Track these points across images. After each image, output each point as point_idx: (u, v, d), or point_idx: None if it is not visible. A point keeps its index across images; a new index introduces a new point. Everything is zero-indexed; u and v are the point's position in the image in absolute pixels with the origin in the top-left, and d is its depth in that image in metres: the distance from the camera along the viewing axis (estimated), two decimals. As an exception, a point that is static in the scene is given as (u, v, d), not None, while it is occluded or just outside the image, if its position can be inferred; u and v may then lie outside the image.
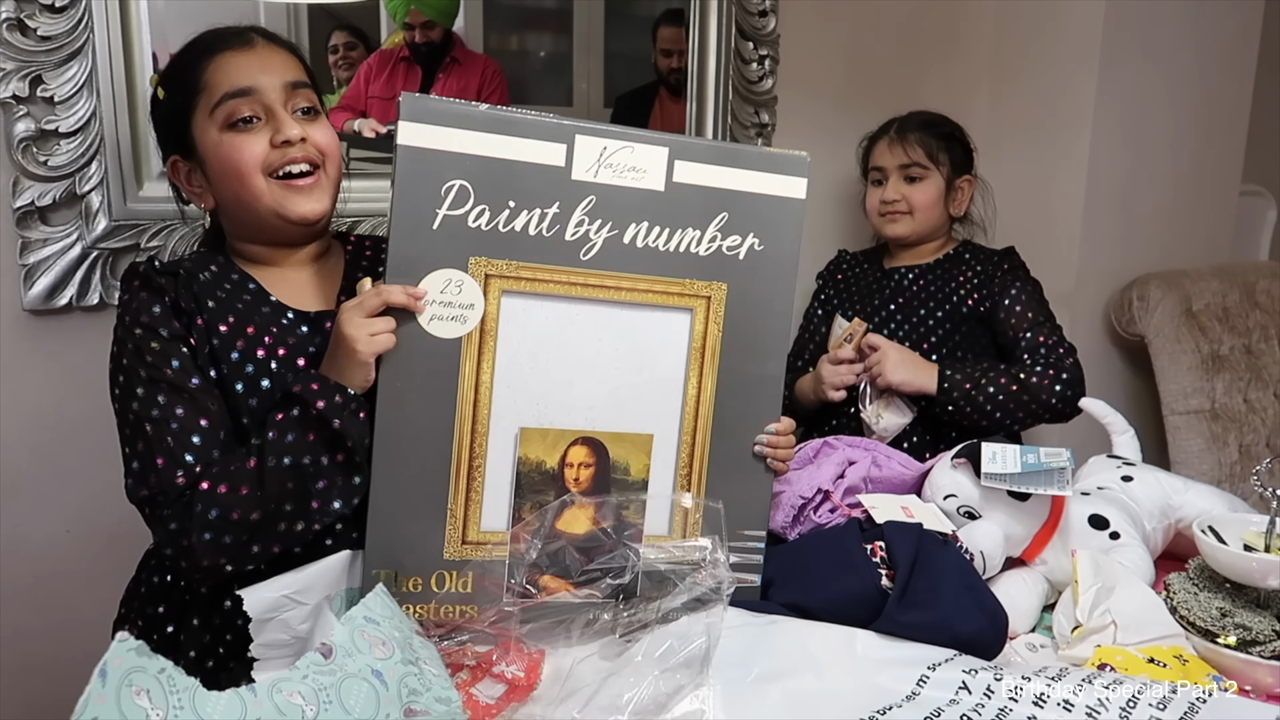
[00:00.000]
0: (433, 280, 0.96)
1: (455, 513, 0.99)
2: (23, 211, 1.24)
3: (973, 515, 1.19)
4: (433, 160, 0.95)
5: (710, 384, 1.06)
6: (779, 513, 1.21)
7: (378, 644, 0.82)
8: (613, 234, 1.01)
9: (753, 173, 1.04)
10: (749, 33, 1.79)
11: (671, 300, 1.04)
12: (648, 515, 1.05)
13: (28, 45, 1.20)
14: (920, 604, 1.03)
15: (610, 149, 1.00)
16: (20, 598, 1.30)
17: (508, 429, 1.00)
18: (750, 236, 1.04)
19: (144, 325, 0.98)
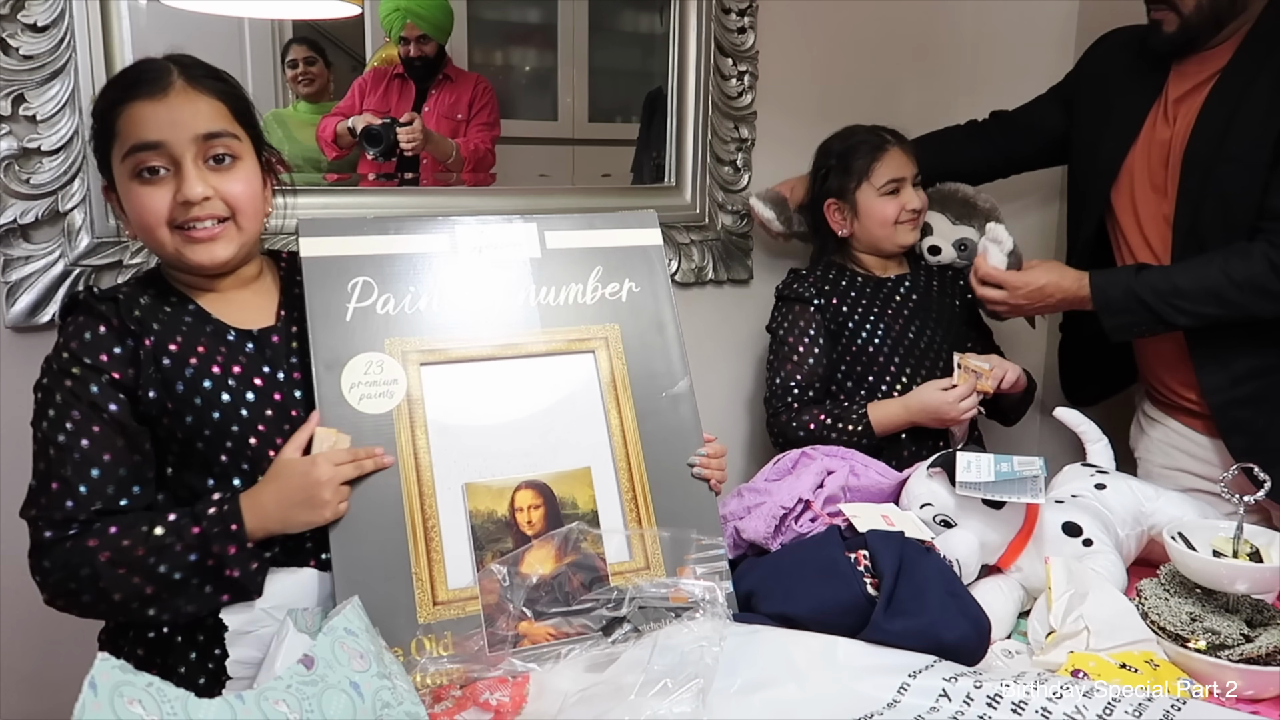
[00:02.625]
0: (355, 365, 1.05)
1: (420, 576, 1.02)
2: (5, 229, 1.24)
3: (949, 523, 1.21)
4: (334, 265, 1.07)
5: (630, 412, 1.14)
6: (760, 523, 1.23)
7: (356, 656, 0.85)
8: (506, 299, 1.12)
9: (613, 230, 1.19)
10: (728, 49, 1.81)
11: (573, 346, 1.14)
12: (606, 545, 1.08)
13: (10, 64, 1.21)
14: (906, 611, 1.05)
15: (487, 233, 1.14)
16: (10, 610, 1.29)
17: (453, 486, 1.05)
18: (626, 281, 1.18)
19: (72, 351, 0.99)
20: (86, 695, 0.70)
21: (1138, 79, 1.61)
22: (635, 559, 1.08)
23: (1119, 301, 1.50)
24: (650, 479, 1.12)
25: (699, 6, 1.76)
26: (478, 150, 1.69)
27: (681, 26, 1.78)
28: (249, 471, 1.01)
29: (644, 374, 1.16)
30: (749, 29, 1.82)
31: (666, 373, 1.17)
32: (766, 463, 1.39)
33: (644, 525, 1.10)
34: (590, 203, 1.74)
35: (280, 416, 1.03)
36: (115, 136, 1.00)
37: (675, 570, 1.10)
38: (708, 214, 1.85)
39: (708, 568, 1.10)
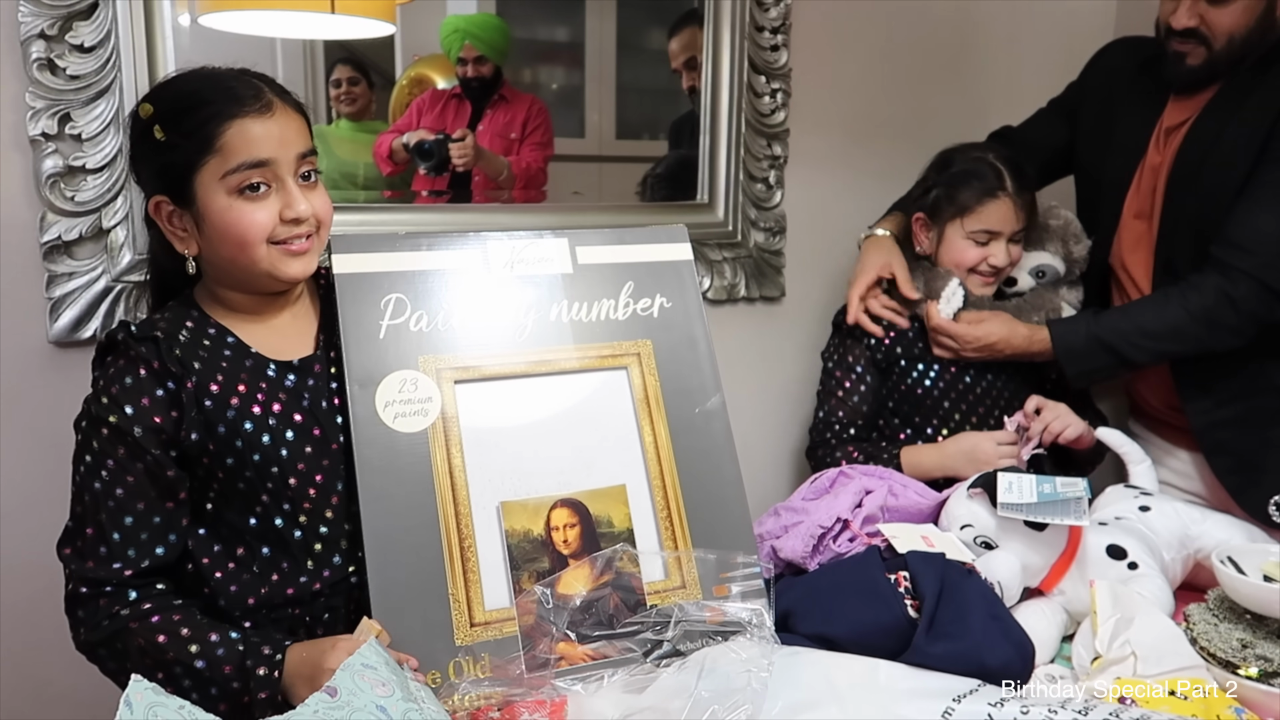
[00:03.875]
0: (390, 382, 1.04)
1: (457, 597, 1.01)
2: (50, 246, 1.26)
3: (989, 545, 1.20)
4: (367, 282, 1.06)
5: (663, 429, 1.13)
6: (798, 542, 1.22)
7: (378, 684, 0.85)
8: (539, 315, 1.12)
9: (644, 245, 1.19)
10: (761, 67, 1.81)
11: (606, 362, 1.14)
12: (642, 563, 1.07)
13: (57, 84, 1.23)
14: (948, 635, 1.04)
15: (519, 248, 1.13)
16: (10, 610, 1.30)
17: (488, 505, 1.05)
18: (658, 297, 1.18)
19: (111, 397, 0.97)
20: (123, 713, 0.72)
21: (1140, 101, 1.61)
22: (671, 578, 1.07)
23: (1080, 348, 1.49)
24: (685, 497, 1.11)
25: (733, 25, 1.77)
26: (530, 168, 1.71)
27: (715, 45, 1.78)
28: (290, 512, 1.01)
29: (677, 390, 1.15)
30: (782, 47, 1.82)
31: (700, 389, 1.16)
32: (798, 482, 1.38)
33: (680, 544, 1.09)
34: (627, 219, 1.75)
35: (320, 451, 1.02)
36: (215, 152, 0.98)
37: (712, 590, 1.08)
38: (740, 231, 1.85)
39: (744, 586, 1.09)
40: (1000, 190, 1.56)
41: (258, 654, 0.94)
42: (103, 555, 0.96)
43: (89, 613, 0.97)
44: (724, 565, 1.09)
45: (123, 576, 0.97)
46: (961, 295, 1.57)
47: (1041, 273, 1.67)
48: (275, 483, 1.00)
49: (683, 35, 1.80)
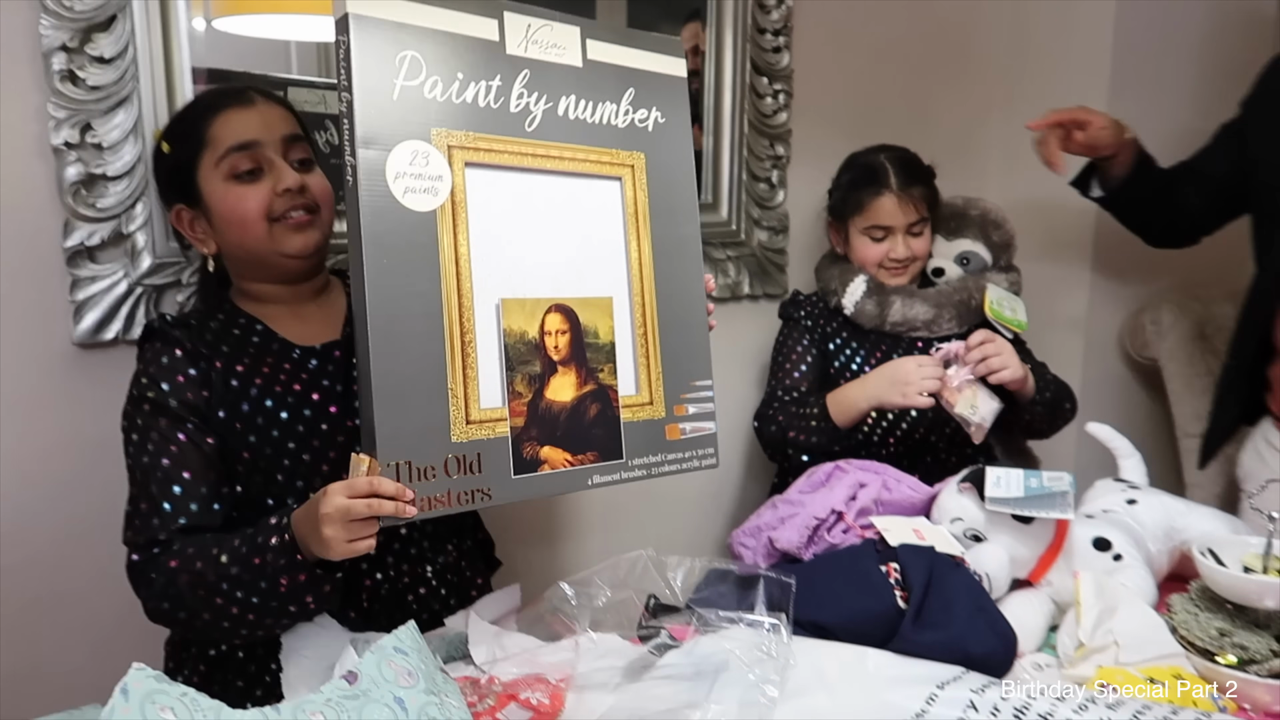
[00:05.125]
0: (400, 152, 0.97)
1: (456, 392, 0.98)
2: (73, 251, 1.30)
3: (979, 538, 1.23)
4: (383, 31, 0.97)
5: (647, 247, 1.14)
6: (793, 533, 1.25)
7: (403, 674, 0.86)
8: (549, 105, 1.07)
9: (645, 53, 1.15)
10: (763, 68, 1.84)
11: (605, 169, 1.11)
12: (619, 377, 1.10)
13: (78, 95, 1.28)
14: (934, 624, 1.07)
15: (534, 26, 1.07)
16: (9, 611, 1.35)
17: (490, 301, 1.02)
18: (654, 110, 1.15)
19: (150, 376, 1.05)
20: (117, 700, 0.71)
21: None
22: (642, 394, 1.12)
23: None
24: (660, 316, 1.14)
25: (735, 27, 1.80)
26: None
27: (718, 46, 1.81)
28: (302, 489, 1.06)
29: (662, 209, 1.15)
30: (784, 48, 1.85)
31: (681, 211, 1.17)
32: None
33: (650, 361, 1.12)
34: None
35: (335, 430, 1.08)
36: (207, 145, 1.11)
37: (673, 410, 1.13)
38: (744, 230, 1.88)
39: (698, 408, 1.14)
40: (884, 188, 1.66)
41: (267, 530, 0.97)
42: (155, 523, 1.02)
43: (146, 577, 1.02)
44: (683, 386, 1.14)
45: (171, 534, 1.02)
46: (861, 288, 1.67)
47: (966, 259, 1.77)
48: (290, 458, 1.06)
49: (688, 29, 1.82)
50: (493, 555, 1.36)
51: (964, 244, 1.78)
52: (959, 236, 1.78)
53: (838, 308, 1.71)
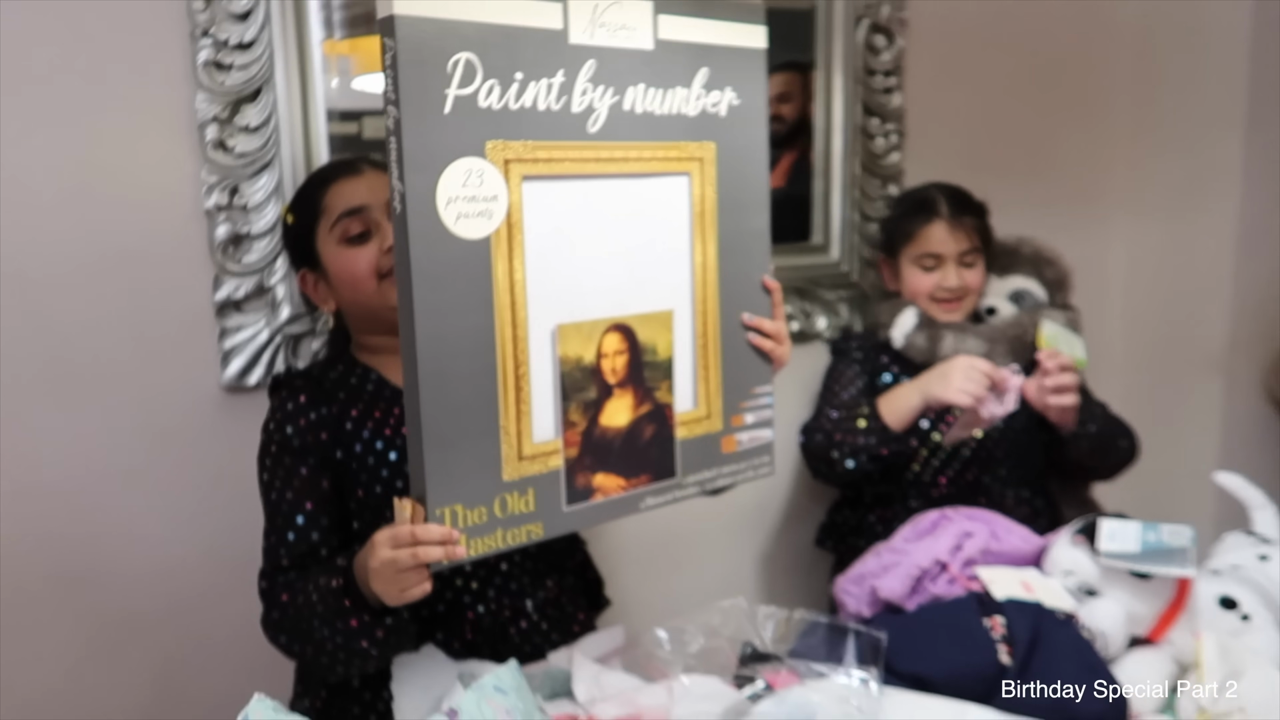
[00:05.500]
0: (452, 174, 0.88)
1: (508, 429, 0.93)
2: (221, 303, 1.43)
3: (1092, 593, 1.19)
4: (435, 31, 0.86)
5: (713, 248, 1.07)
6: (896, 582, 1.24)
7: (502, 712, 0.89)
8: (615, 100, 0.98)
9: (723, 23, 1.05)
10: (875, 109, 1.84)
11: (671, 165, 1.03)
12: (676, 393, 1.06)
13: (227, 161, 1.40)
14: (1039, 682, 1.05)
15: (601, 6, 0.96)
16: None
17: (545, 327, 0.96)
18: (729, 91, 1.06)
19: (277, 420, 1.15)
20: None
21: None
22: (700, 408, 1.08)
23: None
24: (722, 324, 1.08)
25: (845, 69, 1.81)
26: None
27: (828, 89, 1.82)
28: None
29: (730, 203, 1.08)
30: (896, 89, 1.85)
31: (751, 204, 1.10)
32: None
33: (710, 372, 1.08)
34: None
35: None
36: (322, 213, 1.19)
37: (730, 419, 1.08)
38: (855, 271, 1.88)
39: (757, 415, 1.12)
40: (935, 215, 1.64)
41: (333, 569, 1.01)
42: (280, 552, 1.10)
43: (266, 605, 1.10)
44: (743, 395, 1.10)
45: (293, 562, 1.10)
46: (912, 321, 1.63)
47: (1019, 297, 1.72)
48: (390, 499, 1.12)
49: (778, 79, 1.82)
50: (600, 594, 1.39)
51: (1017, 281, 1.74)
52: (1011, 274, 1.74)
53: (887, 342, 1.69)
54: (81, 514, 1.38)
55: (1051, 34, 1.99)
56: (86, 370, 1.36)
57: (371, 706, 1.13)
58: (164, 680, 1.46)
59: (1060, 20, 1.99)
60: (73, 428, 1.36)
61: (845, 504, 1.75)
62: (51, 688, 1.39)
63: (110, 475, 1.39)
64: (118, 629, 1.42)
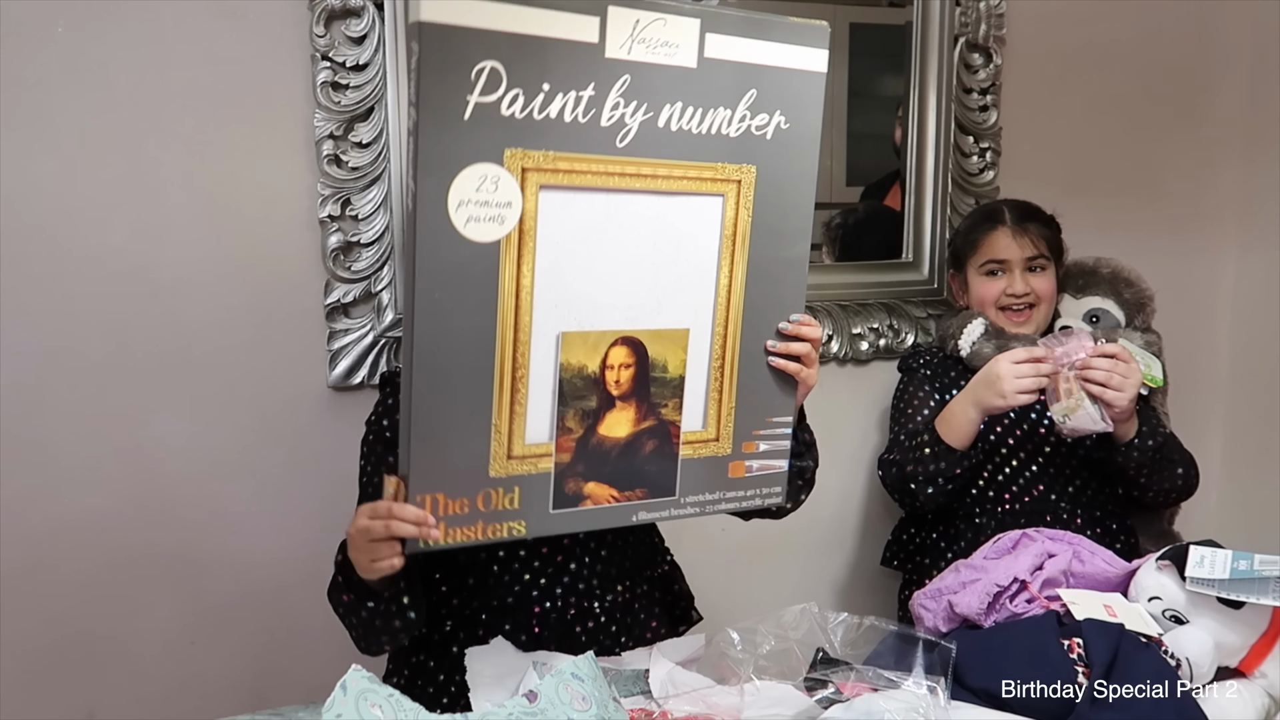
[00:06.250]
0: (466, 178, 0.88)
1: (500, 428, 0.95)
2: (331, 307, 1.52)
3: (1180, 620, 1.16)
4: (460, 39, 0.86)
5: (741, 272, 1.04)
6: (974, 598, 1.23)
7: (578, 698, 0.93)
8: (648, 117, 0.96)
9: (779, 45, 1.01)
10: (969, 127, 1.84)
11: (705, 186, 1.01)
12: (684, 412, 1.05)
13: (341, 175, 1.49)
14: (1116, 706, 1.03)
15: (643, 22, 0.93)
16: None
17: (549, 335, 0.96)
18: (777, 114, 1.02)
19: (378, 414, 1.21)
20: (337, 694, 0.83)
21: None
22: (708, 429, 1.07)
23: None
24: (742, 348, 1.06)
25: (938, 86, 1.81)
26: None
27: (921, 106, 1.82)
28: None
29: (766, 229, 1.04)
30: (991, 106, 1.84)
31: (790, 232, 1.06)
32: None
33: (724, 396, 1.06)
34: (857, 278, 1.84)
35: None
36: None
37: (741, 446, 1.07)
38: (946, 289, 1.87)
39: (772, 445, 1.09)
40: (998, 223, 1.65)
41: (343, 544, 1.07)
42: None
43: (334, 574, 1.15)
44: (757, 423, 1.07)
45: None
46: (979, 330, 1.62)
47: (1095, 317, 1.70)
48: None
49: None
50: (688, 610, 1.38)
51: (1093, 301, 1.71)
52: (1087, 294, 1.72)
53: (955, 353, 1.67)
54: (196, 500, 1.49)
55: (1157, 50, 1.95)
56: (207, 367, 1.46)
57: (445, 688, 1.19)
58: (265, 661, 1.56)
59: (1166, 35, 1.95)
60: (193, 419, 1.47)
61: (910, 521, 1.74)
62: (161, 662, 1.50)
63: (224, 465, 1.50)
64: (224, 610, 1.52)
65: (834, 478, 1.88)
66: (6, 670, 1.44)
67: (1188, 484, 1.56)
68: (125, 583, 1.47)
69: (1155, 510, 1.65)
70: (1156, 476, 1.52)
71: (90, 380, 1.42)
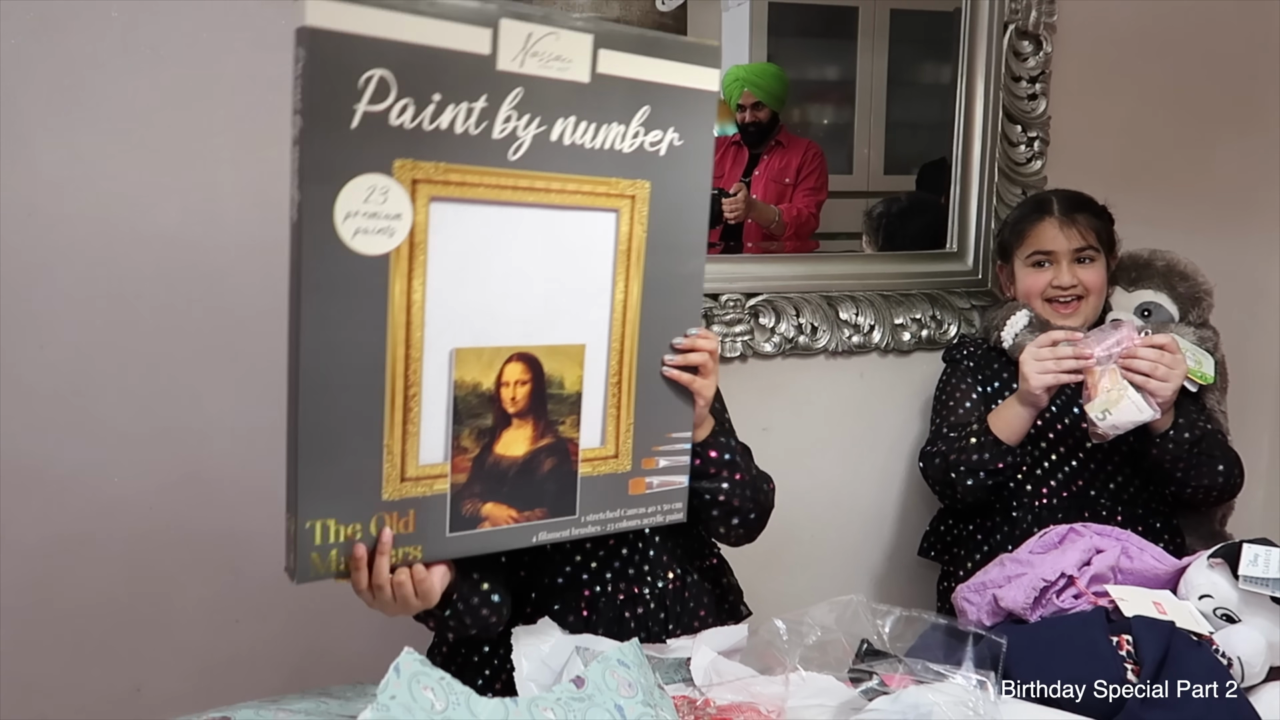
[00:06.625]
0: (354, 189, 0.86)
1: (391, 449, 0.92)
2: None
3: (1231, 618, 1.15)
4: (348, 46, 0.83)
5: (637, 287, 1.04)
6: (1019, 593, 1.22)
7: (624, 684, 0.94)
8: (541, 130, 0.95)
9: (672, 63, 1.01)
10: (1017, 116, 1.81)
11: (599, 201, 1.00)
12: (582, 429, 1.04)
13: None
14: (1167, 705, 1.02)
15: (536, 35, 0.92)
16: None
17: (442, 351, 0.94)
18: (671, 131, 1.02)
19: None
20: (390, 676, 0.83)
21: None
22: (607, 446, 1.06)
23: None
24: (639, 363, 1.05)
25: (986, 74, 1.78)
26: (800, 214, 1.80)
27: (968, 94, 1.80)
28: None
29: (661, 244, 1.04)
30: (1040, 95, 1.81)
31: (684, 247, 1.06)
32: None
33: (622, 412, 1.05)
34: (899, 268, 1.83)
35: None
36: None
37: (641, 463, 1.07)
38: (990, 280, 1.85)
39: (671, 461, 1.09)
40: (1046, 214, 1.61)
41: None
42: None
43: None
44: (657, 439, 1.07)
45: None
46: (1023, 322, 1.60)
47: (1147, 310, 1.65)
48: None
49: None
50: (737, 604, 1.37)
51: (1145, 295, 1.67)
52: (1140, 287, 1.67)
53: (999, 345, 1.64)
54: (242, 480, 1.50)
55: (1211, 39, 1.91)
56: (256, 349, 1.48)
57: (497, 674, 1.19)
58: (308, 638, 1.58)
59: (1220, 24, 1.91)
60: (240, 399, 1.49)
61: (948, 512, 1.72)
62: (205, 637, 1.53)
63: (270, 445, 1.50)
64: (268, 587, 1.54)
65: (874, 468, 1.87)
66: (57, 643, 1.47)
67: (1230, 482, 1.52)
68: (171, 559, 1.49)
69: (1198, 509, 1.62)
70: (1195, 472, 1.49)
71: (141, 361, 1.44)
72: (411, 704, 0.83)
